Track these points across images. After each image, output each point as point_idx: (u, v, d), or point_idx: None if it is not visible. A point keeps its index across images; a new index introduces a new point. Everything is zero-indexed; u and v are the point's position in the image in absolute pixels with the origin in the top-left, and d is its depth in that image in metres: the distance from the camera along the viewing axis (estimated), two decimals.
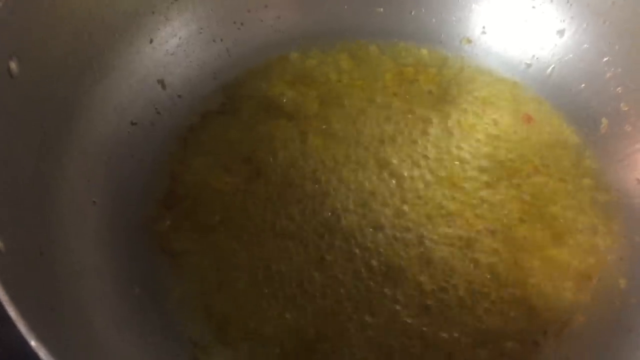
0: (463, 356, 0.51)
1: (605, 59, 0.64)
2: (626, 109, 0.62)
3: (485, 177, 0.60)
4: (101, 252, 0.52)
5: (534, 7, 0.68)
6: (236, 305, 0.53)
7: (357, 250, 0.55)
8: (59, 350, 0.35)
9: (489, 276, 0.55)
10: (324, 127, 0.63)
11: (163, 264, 0.54)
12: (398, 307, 0.53)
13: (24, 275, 0.43)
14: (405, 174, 0.60)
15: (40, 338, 0.34)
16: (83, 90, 0.56)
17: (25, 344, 0.34)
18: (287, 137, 0.62)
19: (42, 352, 0.32)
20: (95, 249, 0.52)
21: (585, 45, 0.65)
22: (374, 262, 0.55)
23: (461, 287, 0.54)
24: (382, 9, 0.71)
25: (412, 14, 0.71)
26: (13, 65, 0.47)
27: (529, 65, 0.68)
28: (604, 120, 0.63)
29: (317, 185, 0.59)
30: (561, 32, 0.66)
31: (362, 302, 0.53)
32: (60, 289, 0.47)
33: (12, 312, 0.34)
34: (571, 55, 0.66)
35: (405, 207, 0.58)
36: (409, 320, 0.52)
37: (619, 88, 0.63)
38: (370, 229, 0.57)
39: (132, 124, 0.60)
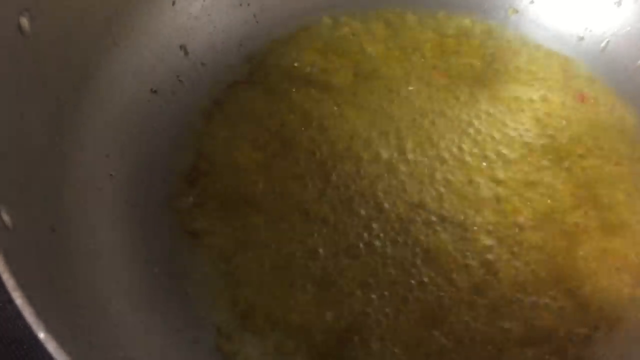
0: (512, 352, 0.46)
1: None
2: None
3: (533, 159, 0.55)
4: (118, 229, 0.48)
5: None
6: (262, 291, 0.48)
7: (394, 235, 0.51)
8: (70, 342, 0.31)
9: (537, 267, 0.50)
10: (358, 100, 0.58)
11: (184, 243, 0.50)
12: (438, 297, 0.48)
13: (34, 256, 0.39)
14: (446, 154, 0.56)
15: (50, 329, 0.30)
16: (100, 52, 0.52)
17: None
18: (318, 110, 0.57)
19: (51, 345, 0.28)
20: (112, 226, 0.48)
21: None
22: (412, 249, 0.50)
23: (507, 278, 0.49)
24: None
25: None
26: (24, 21, 0.43)
27: (581, 39, 0.63)
28: None
29: (351, 164, 0.54)
30: (618, 2, 0.61)
31: (397, 292, 0.49)
32: (74, 269, 0.43)
33: (18, 299, 0.30)
34: (629, 28, 0.61)
35: (446, 191, 0.54)
36: (449, 313, 0.48)
37: None
38: (410, 213, 0.52)
39: (152, 91, 0.55)
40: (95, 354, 0.39)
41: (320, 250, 0.50)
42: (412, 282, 0.49)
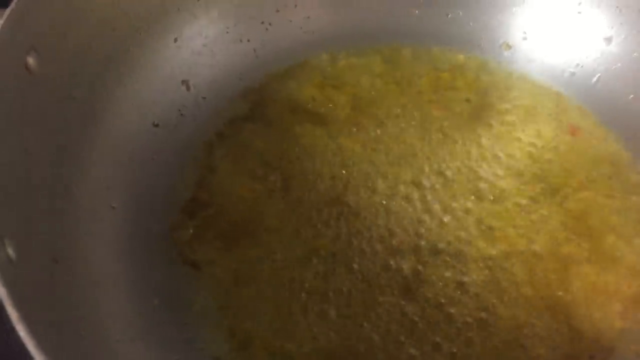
0: None
1: None
2: None
3: (527, 191, 0.57)
4: (119, 260, 0.49)
5: (579, 13, 0.64)
6: (260, 321, 0.49)
7: (392, 263, 0.52)
8: None
9: (531, 298, 0.51)
10: (355, 133, 0.60)
11: (184, 275, 0.51)
12: (434, 329, 0.49)
13: (36, 287, 0.40)
14: (441, 186, 0.57)
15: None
16: (105, 88, 0.53)
17: None
18: (316, 143, 0.59)
19: None
20: (113, 257, 0.49)
21: (635, 54, 0.61)
22: (409, 279, 0.51)
23: (501, 310, 0.50)
24: (417, 11, 0.67)
25: (449, 16, 0.67)
26: (31, 60, 0.44)
27: (573, 74, 0.64)
28: None
29: (348, 195, 0.55)
30: (608, 40, 0.63)
31: (396, 322, 0.49)
32: (75, 300, 0.44)
33: (21, 331, 0.31)
34: (619, 64, 0.62)
35: (440, 222, 0.54)
36: (445, 343, 0.49)
37: None
38: (405, 244, 0.53)
39: (155, 125, 0.57)
40: None
41: (320, 280, 0.51)
42: (409, 314, 0.50)
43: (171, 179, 0.55)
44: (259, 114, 0.60)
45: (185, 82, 0.59)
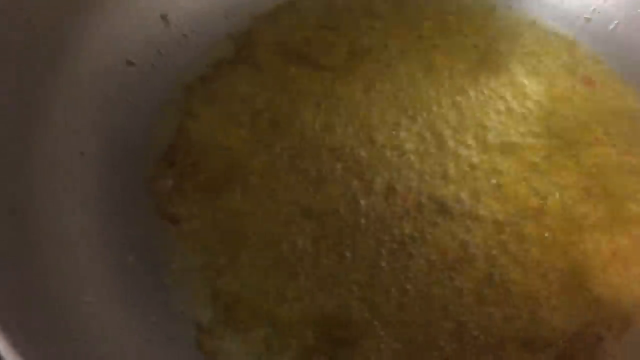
0: (517, 354, 0.43)
1: None
2: None
3: (539, 146, 0.52)
4: (89, 213, 0.44)
5: None
6: (247, 283, 0.44)
7: (392, 222, 0.47)
8: (30, 340, 0.26)
9: (544, 261, 0.46)
10: (352, 79, 0.54)
11: (162, 230, 0.45)
12: (440, 291, 0.45)
13: None
14: (446, 140, 0.52)
15: (9, 327, 0.25)
16: (70, 19, 0.47)
17: None
18: (309, 89, 0.53)
19: (2, 344, 0.24)
20: (82, 209, 0.44)
21: None
22: (412, 240, 0.47)
23: (513, 274, 0.46)
24: None
25: None
26: None
27: (588, 20, 0.59)
28: None
29: (344, 147, 0.50)
30: None
31: (396, 286, 0.45)
32: (37, 257, 0.39)
33: None
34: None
35: (445, 178, 0.50)
36: (451, 308, 0.44)
37: None
38: (407, 202, 0.48)
39: (129, 63, 0.50)
40: (63, 350, 0.35)
41: (311, 239, 0.46)
42: (412, 275, 0.45)
43: (148, 124, 0.49)
44: (246, 56, 0.54)
45: (164, 17, 0.53)
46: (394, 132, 0.51)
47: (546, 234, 0.48)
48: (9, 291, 0.35)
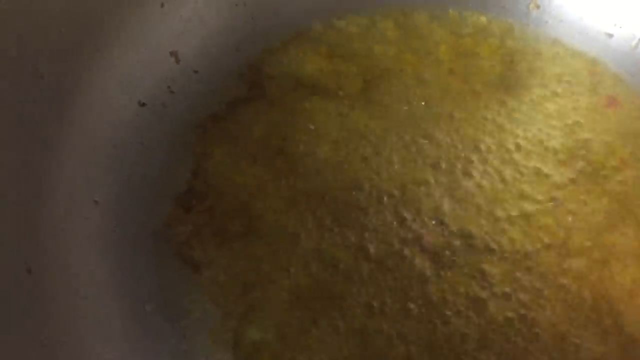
0: None
1: None
2: None
3: (563, 172, 0.50)
4: (105, 264, 0.43)
5: None
6: (269, 331, 0.43)
7: (410, 259, 0.46)
8: None
9: (572, 298, 0.45)
10: (369, 109, 0.53)
11: (181, 277, 0.44)
12: (463, 332, 0.43)
13: (7, 303, 0.34)
14: (466, 168, 0.50)
15: None
16: (81, 64, 0.46)
17: None
18: (324, 123, 0.52)
19: None
20: (97, 260, 0.43)
21: None
22: (429, 275, 0.45)
23: (540, 316, 0.44)
24: None
25: None
26: None
27: (610, 36, 0.57)
28: None
29: (364, 182, 0.49)
30: None
31: (422, 328, 0.44)
32: (53, 315, 0.38)
33: None
34: None
35: (467, 208, 0.48)
36: (474, 348, 0.43)
37: None
38: (426, 237, 0.47)
39: (141, 104, 0.49)
40: None
41: (336, 284, 0.45)
42: (436, 317, 0.44)
43: (162, 167, 0.48)
44: (259, 92, 0.53)
45: (174, 54, 0.52)
46: (412, 165, 0.50)
47: (574, 268, 0.46)
48: (27, 350, 0.35)
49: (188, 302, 0.44)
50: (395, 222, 0.47)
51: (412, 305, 0.44)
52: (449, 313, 0.44)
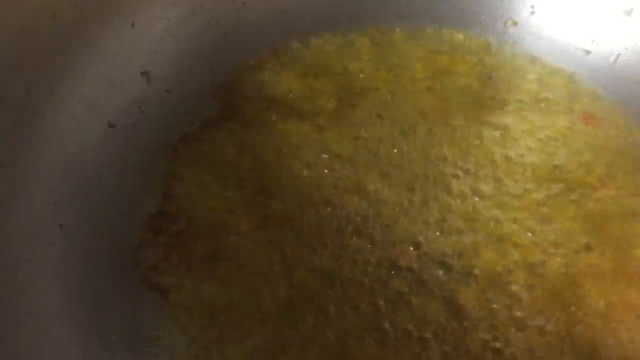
0: None
1: None
2: None
3: (541, 191, 0.50)
4: (69, 291, 0.42)
5: None
6: (235, 358, 0.42)
7: (387, 282, 0.45)
8: None
9: (547, 321, 0.44)
10: (344, 129, 0.52)
11: (149, 305, 0.43)
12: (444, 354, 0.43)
13: None
14: (439, 187, 0.49)
15: None
16: (45, 85, 0.45)
17: None
18: (297, 144, 0.51)
19: None
20: (61, 288, 0.42)
21: None
22: (405, 300, 0.44)
23: (512, 336, 0.43)
24: None
25: None
26: None
27: (587, 52, 0.57)
28: None
29: (338, 203, 0.48)
30: (629, 11, 0.55)
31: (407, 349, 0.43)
32: (12, 339, 0.37)
33: None
34: None
35: (440, 228, 0.47)
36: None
37: None
38: (398, 255, 0.46)
39: (110, 126, 0.49)
40: None
41: (308, 313, 0.44)
42: (413, 342, 0.43)
43: (132, 190, 0.47)
44: (232, 112, 0.52)
45: (145, 74, 0.51)
46: (387, 186, 0.49)
47: (548, 289, 0.45)
48: None
49: (154, 329, 0.43)
50: (369, 244, 0.47)
51: (388, 327, 0.43)
52: (428, 336, 0.43)
